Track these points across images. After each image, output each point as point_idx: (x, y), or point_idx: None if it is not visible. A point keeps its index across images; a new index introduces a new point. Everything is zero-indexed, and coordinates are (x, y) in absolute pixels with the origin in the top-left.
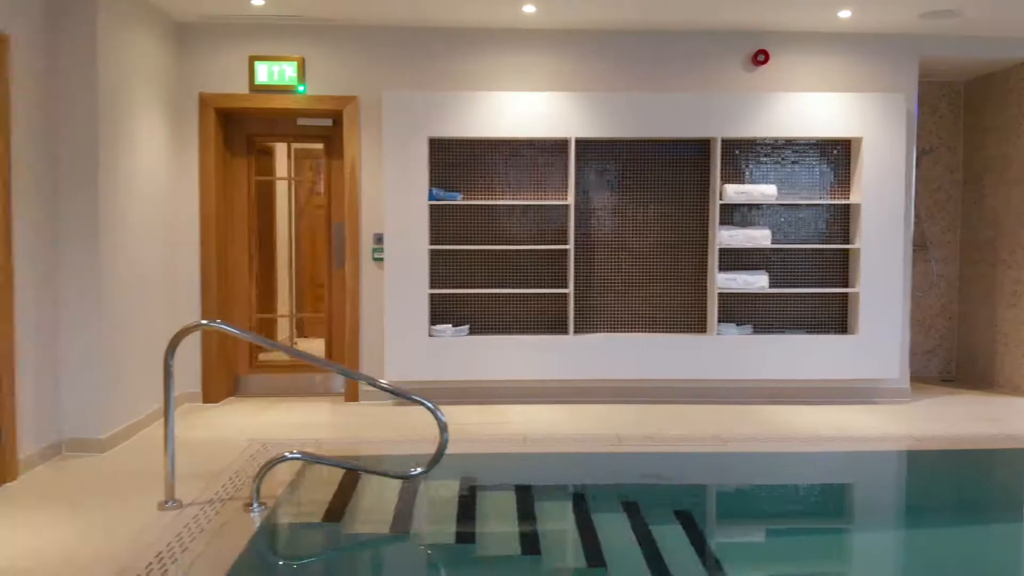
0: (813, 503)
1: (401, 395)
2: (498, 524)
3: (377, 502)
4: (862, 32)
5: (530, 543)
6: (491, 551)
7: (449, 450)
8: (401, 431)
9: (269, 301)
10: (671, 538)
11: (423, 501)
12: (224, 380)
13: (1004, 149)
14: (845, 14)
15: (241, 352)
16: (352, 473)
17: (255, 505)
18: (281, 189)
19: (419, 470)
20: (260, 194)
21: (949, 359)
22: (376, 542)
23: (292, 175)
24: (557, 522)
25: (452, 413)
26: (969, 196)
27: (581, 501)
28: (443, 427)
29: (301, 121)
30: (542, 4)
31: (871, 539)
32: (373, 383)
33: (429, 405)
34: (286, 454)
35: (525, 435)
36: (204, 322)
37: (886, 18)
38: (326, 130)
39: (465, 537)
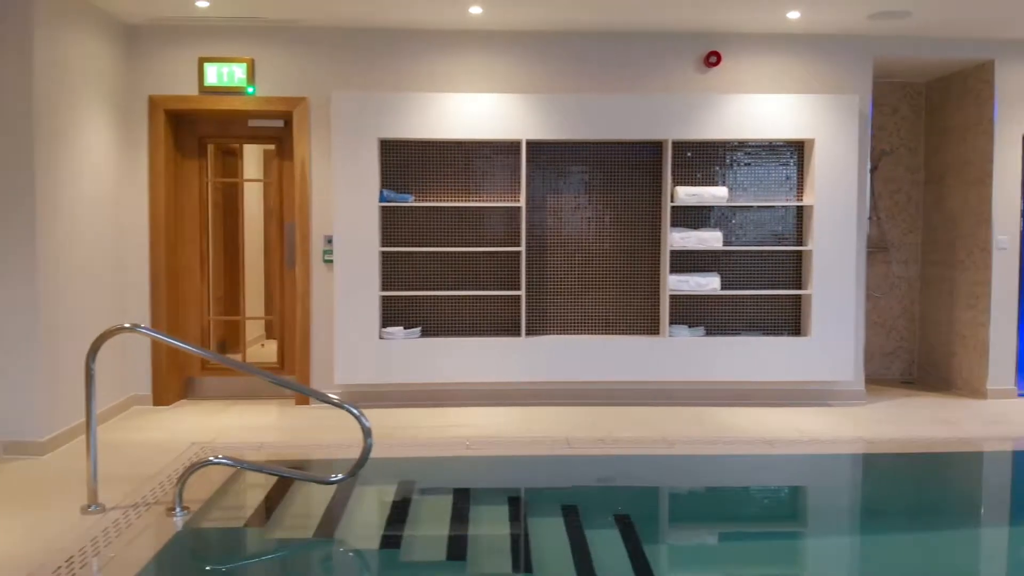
0: (752, 506)
1: (324, 399)
2: (427, 529)
3: (307, 507)
4: (815, 33)
5: (457, 548)
6: (414, 556)
7: (393, 454)
8: (346, 434)
9: (233, 304)
10: (606, 542)
11: (355, 506)
12: (176, 383)
13: (963, 150)
14: (794, 15)
15: (193, 354)
16: (286, 478)
17: (177, 509)
18: (251, 190)
19: (339, 476)
20: (228, 195)
21: (911, 361)
22: (295, 547)
23: (250, 177)
24: (490, 527)
25: (402, 416)
26: (930, 197)
27: (521, 505)
28: (367, 432)
29: (252, 122)
30: (488, 5)
31: (806, 543)
32: (287, 386)
33: (354, 412)
34: (210, 458)
35: (471, 438)
36: (126, 325)
37: (835, 19)
38: (278, 131)
39: (390, 542)
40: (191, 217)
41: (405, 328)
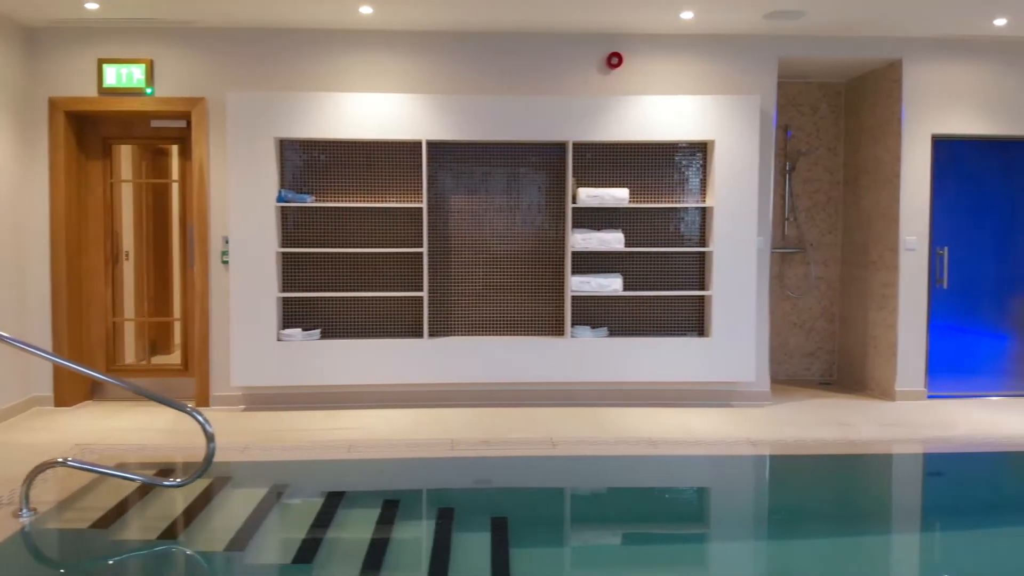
0: (620, 508)
1: (153, 398)
2: (284, 532)
3: (163, 509)
4: (716, 34)
5: (307, 551)
6: (260, 559)
7: (273, 457)
8: (233, 437)
9: (164, 305)
10: (472, 545)
11: (215, 508)
12: (81, 384)
13: (876, 151)
14: (687, 15)
15: (97, 355)
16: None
17: (24, 511)
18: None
19: (176, 481)
20: (157, 196)
21: (831, 362)
22: (135, 548)
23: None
24: (352, 530)
25: (298, 419)
26: (848, 198)
27: (392, 508)
28: (210, 437)
29: (155, 123)
30: (378, 5)
31: (667, 545)
32: (132, 388)
33: (199, 418)
34: (58, 459)
35: (360, 441)
36: None
37: (730, 19)
38: (180, 131)
39: (238, 544)
40: (95, 219)
41: (304, 330)
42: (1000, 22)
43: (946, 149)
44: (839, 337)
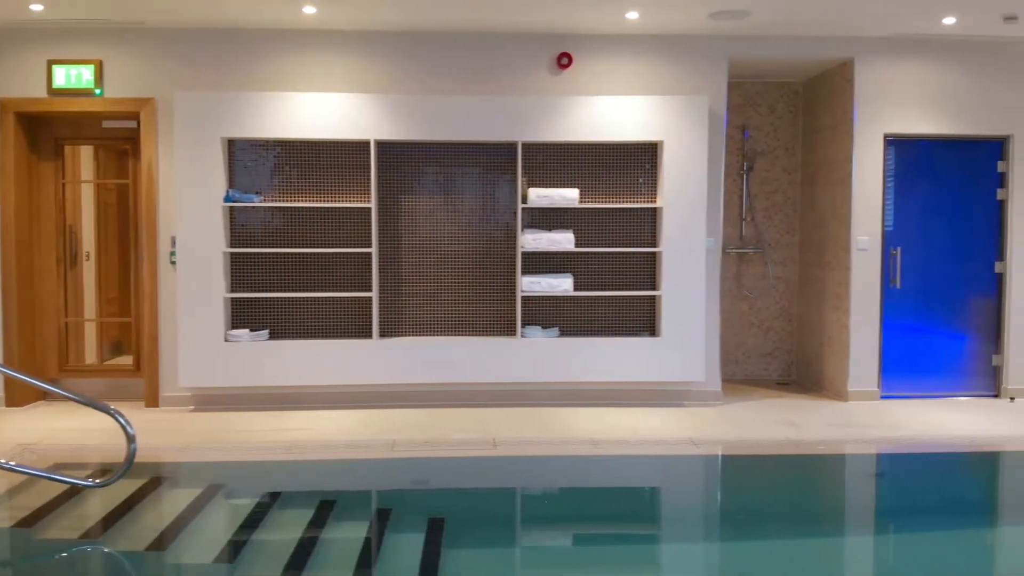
0: (557, 508)
1: (82, 401)
2: (210, 532)
3: (91, 509)
4: (666, 34)
5: (231, 551)
6: (180, 559)
7: (214, 457)
8: (176, 438)
9: (127, 305)
10: (403, 545)
11: (144, 508)
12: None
13: (831, 150)
14: (633, 15)
15: (50, 355)
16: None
17: None
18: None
19: (96, 481)
20: (120, 197)
21: (789, 362)
22: (54, 548)
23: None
24: (281, 531)
25: (244, 419)
26: (805, 198)
27: (327, 509)
28: (131, 438)
29: (106, 123)
30: (322, 5)
31: (602, 546)
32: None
33: (120, 419)
34: None
35: (302, 442)
36: None
37: (675, 19)
38: (131, 132)
39: (160, 544)
40: (48, 219)
41: (252, 331)
42: (949, 21)
43: (899, 149)
44: (797, 337)
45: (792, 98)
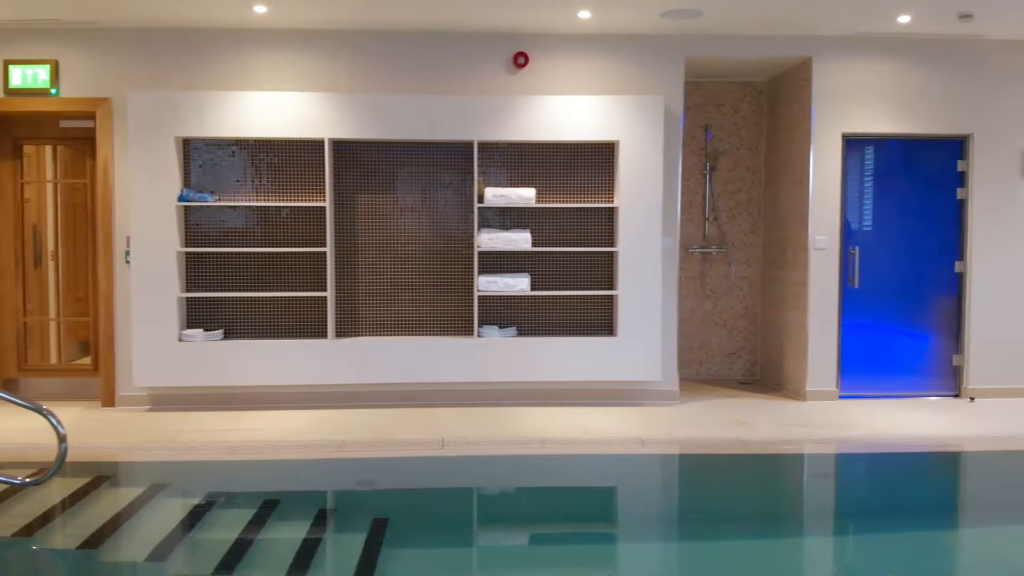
0: (500, 508)
1: (11, 400)
2: (146, 531)
3: (29, 508)
4: (622, 33)
5: (164, 550)
6: (112, 557)
7: (160, 457)
8: (126, 437)
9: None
10: (343, 545)
11: (83, 507)
12: None
13: (791, 150)
14: (585, 15)
15: (8, 355)
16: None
17: None
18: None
19: (25, 480)
20: (84, 197)
21: (753, 361)
22: None
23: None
24: (220, 530)
25: (200, 420)
26: (768, 197)
27: (269, 508)
28: (62, 438)
29: (63, 123)
30: (273, 4)
31: (542, 546)
32: None
33: (52, 419)
34: None
35: (252, 442)
36: None
37: (627, 18)
38: (89, 131)
39: (93, 543)
40: (6, 219)
41: (206, 330)
42: (904, 19)
43: (857, 148)
44: (760, 337)
45: (756, 98)
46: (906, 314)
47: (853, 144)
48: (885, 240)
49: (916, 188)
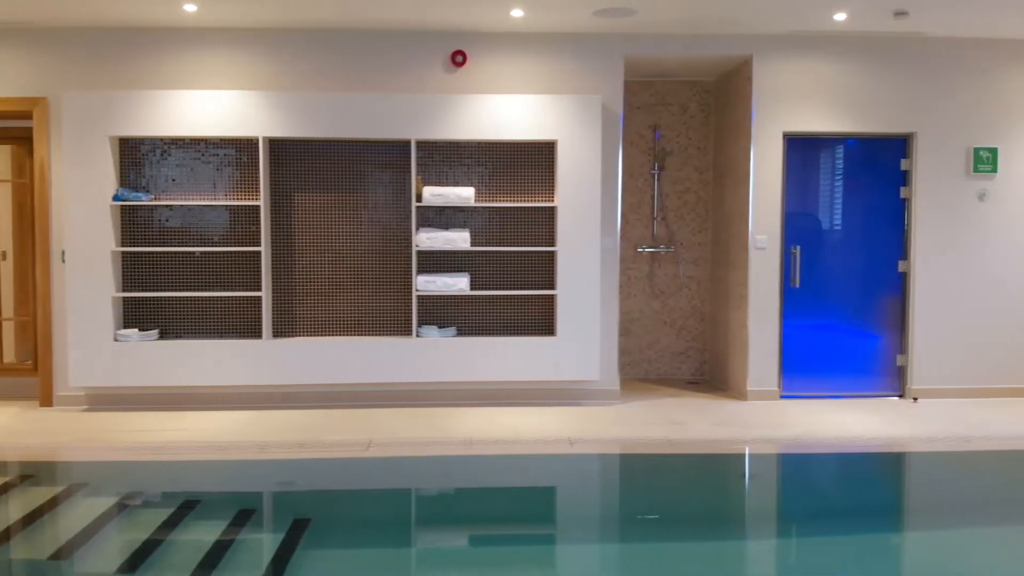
0: (417, 508)
1: None
2: (54, 530)
3: None
4: (560, 32)
5: (69, 549)
6: (12, 555)
7: (86, 457)
8: (54, 437)
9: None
10: (257, 546)
11: None
12: None
13: (735, 149)
14: (518, 13)
15: None
16: None
17: None
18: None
19: None
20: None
21: (702, 361)
22: None
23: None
24: (130, 531)
25: (133, 420)
26: (715, 197)
27: (186, 509)
28: None
29: (3, 123)
30: (203, 3)
31: (457, 547)
32: None
33: None
34: None
35: (166, 443)
36: None
37: (561, 17)
38: (26, 131)
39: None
40: None
41: (142, 330)
42: (840, 17)
43: (798, 147)
44: (708, 337)
45: (704, 97)
46: (850, 314)
47: (795, 143)
48: (828, 240)
49: (860, 187)
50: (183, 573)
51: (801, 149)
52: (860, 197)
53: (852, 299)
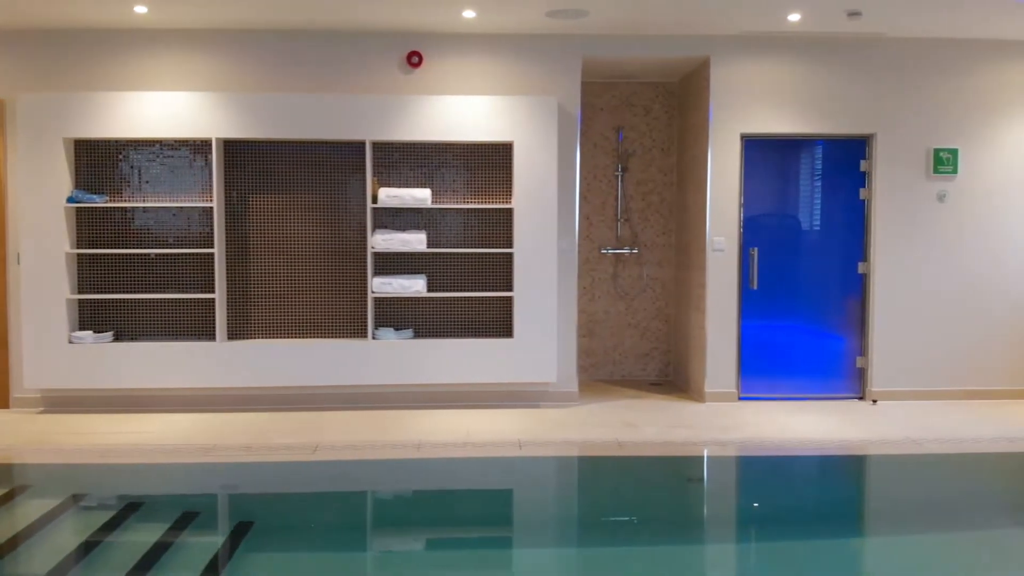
0: (360, 511)
1: None
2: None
3: None
4: (516, 33)
5: (3, 552)
6: None
7: (31, 460)
8: (4, 439)
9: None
10: (197, 548)
11: None
12: None
13: (695, 151)
14: (470, 14)
15: None
16: None
17: None
18: None
19: None
20: None
21: (666, 362)
22: None
23: None
24: (69, 533)
25: (84, 422)
26: (679, 198)
27: (129, 512)
28: None
29: None
30: (154, 5)
31: (399, 551)
32: None
33: None
34: None
35: (111, 446)
36: None
37: (514, 18)
38: None
39: None
40: None
41: (96, 332)
42: (794, 17)
43: (756, 148)
44: (672, 338)
45: (668, 98)
46: (810, 316)
47: (753, 145)
48: (787, 241)
49: (820, 189)
50: (117, 574)
51: (760, 151)
52: (820, 199)
53: (812, 301)
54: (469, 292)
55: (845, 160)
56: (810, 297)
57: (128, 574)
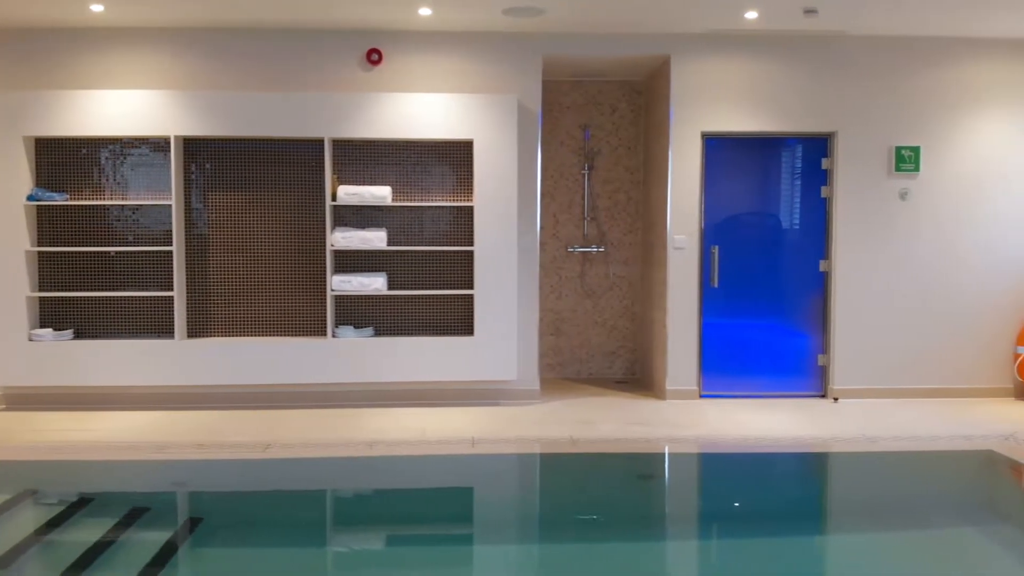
0: (301, 509)
1: None
2: None
3: None
4: (476, 31)
5: None
6: None
7: None
8: None
9: None
10: (142, 545)
11: None
12: None
13: (657, 149)
14: (425, 11)
15: None
16: None
17: None
18: None
19: None
20: None
21: (633, 360)
22: None
23: None
24: (11, 530)
25: (42, 420)
26: (644, 197)
27: (76, 508)
28: None
29: None
30: (109, 3)
31: (346, 548)
32: None
33: None
34: None
35: (63, 443)
36: None
37: (471, 16)
38: None
39: None
40: None
41: (56, 330)
42: (751, 15)
43: (716, 147)
44: (638, 336)
45: (634, 97)
46: (771, 314)
47: (714, 143)
48: (749, 239)
49: (781, 187)
50: (57, 570)
51: (721, 149)
52: (781, 197)
53: (773, 299)
54: (430, 290)
55: (806, 158)
56: (772, 295)
57: (72, 569)
